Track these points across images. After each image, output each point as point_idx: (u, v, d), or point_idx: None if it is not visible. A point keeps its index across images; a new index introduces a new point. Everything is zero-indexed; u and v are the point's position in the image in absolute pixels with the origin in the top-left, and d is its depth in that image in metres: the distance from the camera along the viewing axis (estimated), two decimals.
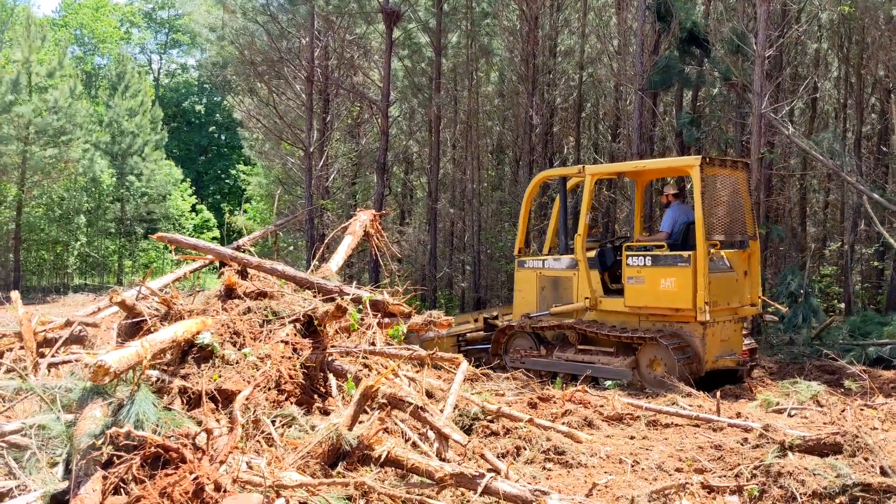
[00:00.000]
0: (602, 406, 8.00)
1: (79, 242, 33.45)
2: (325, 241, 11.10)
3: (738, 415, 7.89)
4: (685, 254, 9.66)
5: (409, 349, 7.13)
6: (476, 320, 12.64)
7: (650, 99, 17.48)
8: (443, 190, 24.00)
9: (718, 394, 8.34)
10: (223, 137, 51.61)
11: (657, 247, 10.04)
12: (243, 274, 7.77)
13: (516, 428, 6.67)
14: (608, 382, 9.41)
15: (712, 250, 9.67)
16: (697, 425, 7.59)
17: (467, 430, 6.77)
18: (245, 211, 35.89)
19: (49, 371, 7.85)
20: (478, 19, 22.04)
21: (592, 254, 10.90)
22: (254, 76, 22.43)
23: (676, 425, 7.66)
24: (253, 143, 28.24)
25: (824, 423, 7.51)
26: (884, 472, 5.53)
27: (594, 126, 24.81)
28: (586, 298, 10.61)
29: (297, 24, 21.38)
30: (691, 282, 9.53)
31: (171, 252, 9.07)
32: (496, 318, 12.40)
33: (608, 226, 20.53)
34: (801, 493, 5.36)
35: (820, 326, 13.79)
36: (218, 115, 49.72)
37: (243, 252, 8.73)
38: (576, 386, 8.44)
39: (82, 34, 52.16)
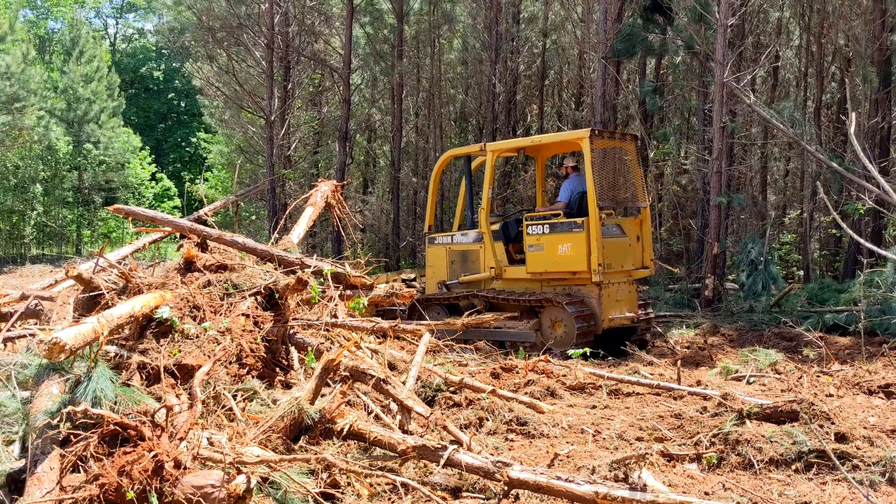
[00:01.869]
0: (564, 376, 8.07)
1: (35, 212, 32.71)
2: (287, 211, 10.99)
3: (698, 383, 8.01)
4: (579, 220, 10.36)
5: (371, 321, 7.10)
6: (395, 281, 12.79)
7: (614, 67, 17.47)
8: (406, 158, 23.86)
9: (679, 362, 8.45)
10: (183, 105, 50.64)
11: (554, 215, 10.71)
12: (203, 246, 7.65)
13: (479, 399, 6.70)
14: (571, 352, 9.49)
15: (603, 216, 10.31)
16: (658, 394, 7.70)
17: (430, 402, 6.79)
18: (206, 180, 35.39)
19: (5, 346, 7.68)
20: None
21: (497, 227, 11.53)
22: (213, 42, 21.93)
23: (638, 394, 7.77)
24: (213, 110, 27.72)
25: (782, 391, 7.67)
26: (839, 439, 5.66)
27: (558, 94, 24.79)
28: (491, 268, 11.25)
29: None
30: (585, 246, 10.22)
31: (129, 223, 8.90)
32: (414, 280, 12.84)
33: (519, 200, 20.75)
34: (758, 461, 5.47)
35: (779, 294, 14.03)
36: (177, 81, 48.69)
37: (204, 223, 8.59)
38: (538, 356, 8.50)
39: None
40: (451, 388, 6.91)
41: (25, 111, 28.87)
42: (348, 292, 7.59)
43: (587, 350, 9.46)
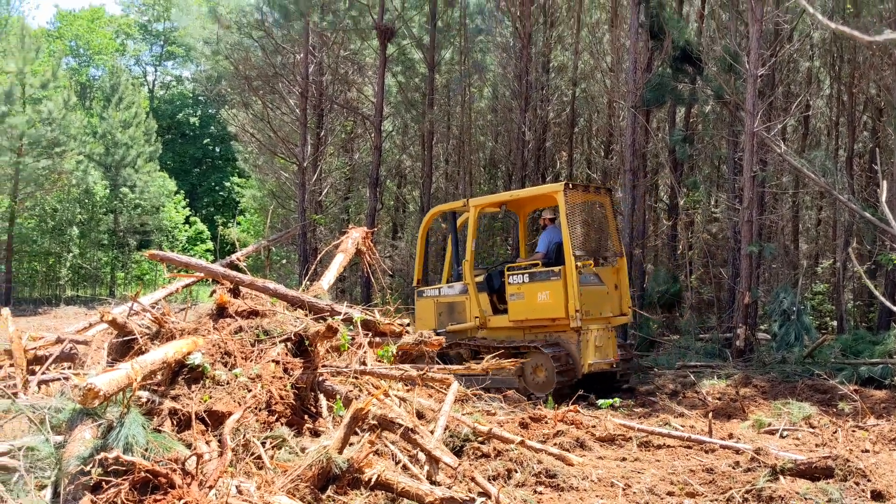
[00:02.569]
0: (594, 426, 7.98)
1: (71, 254, 33.36)
2: (318, 257, 11.16)
3: (730, 436, 7.88)
4: (556, 269, 10.87)
5: (399, 369, 7.12)
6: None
7: (643, 116, 17.56)
8: (435, 204, 24.00)
9: (710, 414, 8.34)
10: (217, 150, 51.60)
11: (533, 265, 11.23)
12: (235, 292, 7.75)
13: (507, 450, 6.65)
14: (600, 402, 9.41)
15: (580, 265, 10.70)
16: (689, 447, 7.58)
17: (458, 452, 6.75)
18: (238, 223, 35.89)
19: (39, 389, 7.80)
20: (471, 36, 22.16)
21: (481, 278, 12.02)
22: (248, 90, 22.46)
23: (668, 446, 7.65)
24: (247, 156, 28.23)
25: (816, 445, 7.52)
26: (875, 497, 5.54)
27: (587, 141, 24.91)
28: (476, 318, 11.69)
29: (291, 39, 21.44)
30: (563, 293, 10.69)
31: (164, 267, 9.05)
32: (408, 325, 13.23)
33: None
34: None
35: (812, 345, 13.80)
36: (212, 127, 49.72)
37: (236, 268, 8.72)
38: (567, 406, 8.43)
39: (77, 45, 52.23)
40: (480, 439, 6.86)
41: (65, 156, 29.67)
42: (377, 339, 7.62)
43: (616, 400, 9.38)
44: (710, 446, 7.47)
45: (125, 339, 7.18)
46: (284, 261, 26.41)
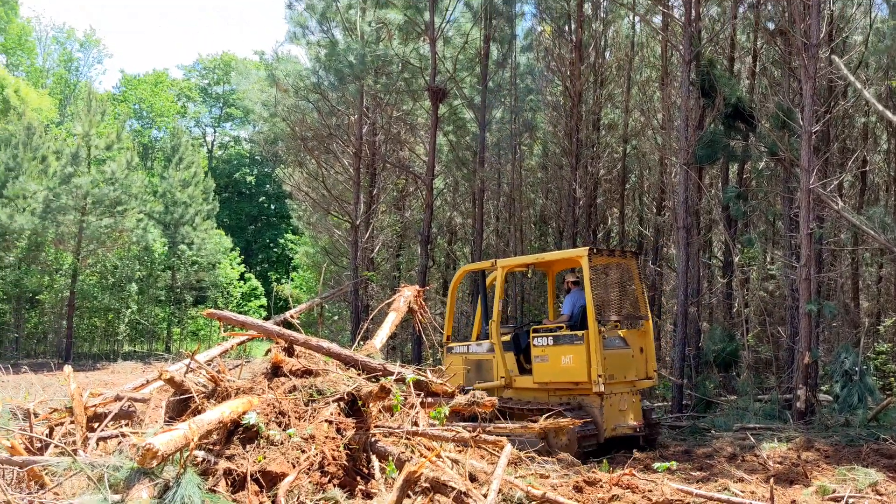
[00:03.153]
0: (650, 491, 7.78)
1: (130, 310, 34.13)
2: (370, 316, 11.33)
3: (794, 502, 7.62)
4: (579, 333, 10.88)
5: (452, 430, 7.08)
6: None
7: (696, 172, 17.46)
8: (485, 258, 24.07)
9: (771, 480, 8.08)
10: (273, 207, 52.71)
11: (558, 328, 11.27)
12: (290, 351, 7.84)
13: None
14: (656, 465, 9.20)
15: (603, 328, 10.79)
16: None
17: None
18: (291, 280, 36.42)
19: (98, 445, 7.95)
20: (522, 95, 22.44)
21: (508, 338, 12.10)
22: (304, 150, 23.04)
23: None
24: (301, 213, 28.78)
25: None
26: None
27: (639, 198, 24.82)
28: (502, 377, 11.73)
29: (346, 101, 21.99)
30: (586, 357, 10.69)
31: (219, 322, 9.25)
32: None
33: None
34: None
35: (877, 408, 13.33)
36: (268, 185, 50.92)
37: (289, 325, 8.84)
38: (623, 469, 8.26)
39: (141, 108, 54.25)
40: (534, 502, 6.76)
41: (126, 214, 30.68)
42: (429, 399, 7.62)
43: (673, 463, 9.16)
44: None
45: (182, 396, 7.31)
46: (337, 317, 26.63)
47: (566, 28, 21.08)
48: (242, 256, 42.70)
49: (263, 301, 42.20)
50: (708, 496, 7.74)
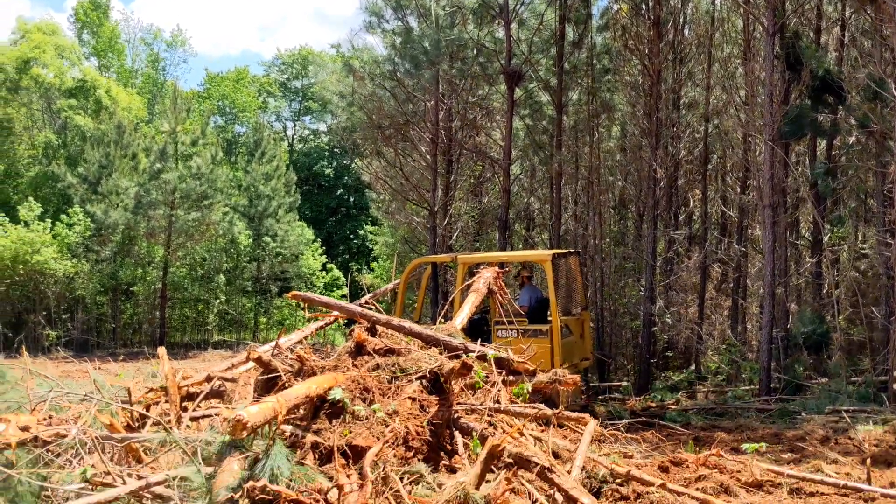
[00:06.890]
0: (739, 472, 7.62)
1: (218, 300, 35.16)
2: (449, 299, 11.44)
3: (892, 484, 7.35)
4: (543, 327, 12.37)
5: (534, 408, 7.08)
6: None
7: (781, 149, 16.89)
8: (564, 246, 23.86)
9: (868, 461, 7.80)
10: (351, 199, 53.39)
11: (520, 320, 12.00)
12: (372, 331, 7.96)
13: (647, 492, 6.45)
14: (745, 446, 8.99)
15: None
16: (846, 495, 7.10)
17: (595, 493, 6.61)
18: (371, 269, 36.89)
19: (191, 424, 8.24)
20: (598, 76, 22.12)
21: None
22: (381, 139, 23.26)
23: (822, 494, 7.20)
24: (380, 203, 29.09)
25: None
26: None
27: (721, 178, 24.15)
28: None
29: (422, 88, 22.08)
30: (549, 349, 12.07)
31: (302, 310, 9.48)
32: None
33: None
34: None
35: None
36: (346, 177, 51.52)
37: (369, 308, 8.97)
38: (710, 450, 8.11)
39: (224, 105, 55.68)
40: (618, 480, 6.70)
41: (213, 208, 31.59)
42: (511, 378, 7.63)
43: (763, 444, 8.93)
44: (870, 494, 6.98)
45: (269, 376, 7.51)
46: (415, 304, 26.84)
47: (643, 6, 20.61)
48: (324, 248, 43.32)
49: (345, 291, 42.75)
50: (801, 476, 7.54)
